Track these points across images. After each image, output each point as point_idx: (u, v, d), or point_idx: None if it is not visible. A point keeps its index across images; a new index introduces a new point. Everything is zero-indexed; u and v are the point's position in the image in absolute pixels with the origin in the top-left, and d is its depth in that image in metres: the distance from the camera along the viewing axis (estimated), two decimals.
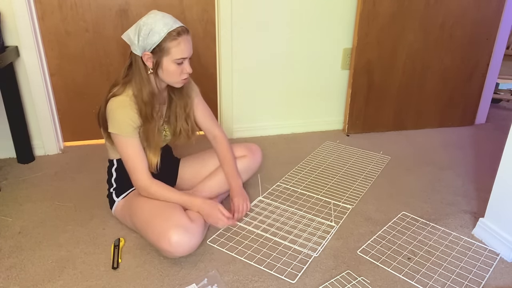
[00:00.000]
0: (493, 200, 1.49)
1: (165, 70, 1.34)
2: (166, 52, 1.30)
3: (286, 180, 1.93)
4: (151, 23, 1.28)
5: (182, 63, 1.34)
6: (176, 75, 1.35)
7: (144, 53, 1.31)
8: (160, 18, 1.29)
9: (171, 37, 1.28)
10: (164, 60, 1.31)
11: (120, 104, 1.34)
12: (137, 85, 1.35)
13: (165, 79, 1.37)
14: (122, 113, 1.34)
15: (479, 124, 2.70)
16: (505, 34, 2.48)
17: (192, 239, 1.30)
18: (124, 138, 1.36)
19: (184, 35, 1.31)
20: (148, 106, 1.35)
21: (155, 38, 1.28)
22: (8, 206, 1.68)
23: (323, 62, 2.40)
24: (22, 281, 1.28)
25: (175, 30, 1.29)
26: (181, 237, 1.27)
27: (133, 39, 1.31)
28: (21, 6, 1.85)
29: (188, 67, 1.35)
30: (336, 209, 1.71)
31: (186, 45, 1.32)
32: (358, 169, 2.04)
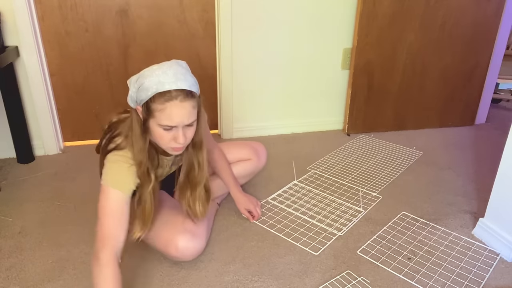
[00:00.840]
0: (493, 200, 1.49)
1: (152, 132, 1.14)
2: (152, 114, 1.09)
3: (324, 168, 1.94)
4: (146, 75, 1.09)
5: (171, 130, 1.12)
6: (165, 141, 1.14)
7: (137, 107, 1.13)
8: (158, 74, 1.08)
9: (159, 100, 1.07)
10: (150, 121, 1.11)
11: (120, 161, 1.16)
12: (129, 140, 1.17)
13: (156, 141, 1.18)
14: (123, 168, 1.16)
15: (479, 124, 2.70)
16: (505, 34, 2.48)
17: (198, 243, 1.31)
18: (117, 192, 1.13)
19: (175, 100, 1.07)
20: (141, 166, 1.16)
21: (143, 96, 1.09)
22: (8, 206, 1.68)
23: (323, 62, 2.40)
24: (22, 281, 1.28)
25: (167, 92, 1.06)
26: (188, 242, 1.28)
27: (130, 88, 1.14)
28: (21, 6, 1.85)
29: (180, 137, 1.12)
30: (366, 197, 1.79)
31: (176, 112, 1.08)
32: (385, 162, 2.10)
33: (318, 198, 1.78)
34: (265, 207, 1.71)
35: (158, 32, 2.15)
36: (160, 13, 2.12)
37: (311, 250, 1.45)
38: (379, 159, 2.17)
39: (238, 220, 1.61)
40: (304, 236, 1.53)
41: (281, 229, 1.56)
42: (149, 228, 1.26)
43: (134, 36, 2.14)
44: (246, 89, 2.34)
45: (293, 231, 1.56)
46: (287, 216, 1.65)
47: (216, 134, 2.47)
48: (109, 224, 1.12)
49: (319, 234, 1.54)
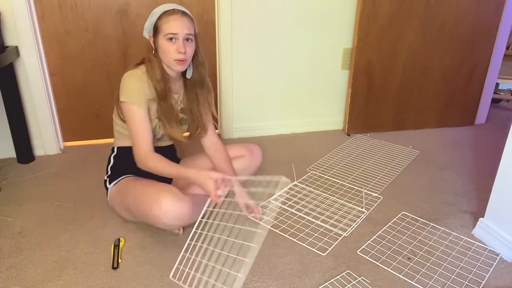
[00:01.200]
0: (493, 200, 1.49)
1: (160, 49, 1.38)
2: (159, 29, 1.36)
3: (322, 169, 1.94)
4: (155, 9, 1.38)
5: (174, 41, 1.35)
6: (170, 54, 1.37)
7: (149, 35, 1.40)
8: (163, 5, 1.37)
9: (163, 16, 1.35)
10: (159, 38, 1.37)
11: (133, 75, 1.40)
12: (147, 64, 1.41)
13: (163, 60, 1.41)
14: (134, 83, 1.39)
15: (479, 124, 2.70)
16: (505, 34, 2.48)
17: (183, 206, 1.33)
18: (133, 106, 1.38)
19: (176, 14, 1.35)
20: (161, 83, 1.40)
21: (153, 18, 1.37)
22: (8, 206, 1.68)
23: (323, 62, 2.40)
24: (22, 281, 1.28)
25: (170, 10, 1.36)
26: (172, 202, 1.31)
27: (145, 25, 1.41)
28: (21, 6, 1.85)
29: (180, 46, 1.36)
30: (368, 198, 1.79)
31: (176, 22, 1.35)
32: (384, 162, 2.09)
33: (319, 199, 1.78)
34: (267, 207, 1.71)
35: None
36: None
37: (319, 251, 1.44)
38: (377, 159, 2.17)
39: (238, 220, 1.61)
40: (310, 236, 1.52)
41: (285, 230, 1.56)
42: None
43: (134, 36, 2.14)
44: (246, 89, 2.34)
45: (298, 231, 1.55)
46: (291, 217, 1.65)
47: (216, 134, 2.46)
48: (138, 136, 1.39)
49: (324, 235, 1.53)
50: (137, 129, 1.39)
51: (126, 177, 1.51)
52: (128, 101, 1.38)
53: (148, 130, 1.40)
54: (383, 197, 1.80)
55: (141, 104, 1.38)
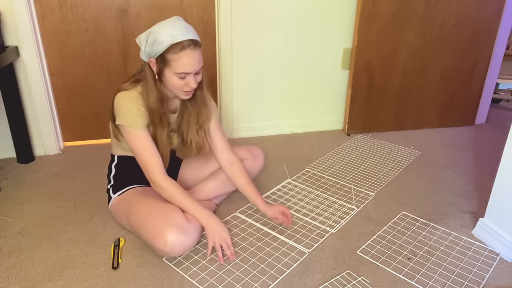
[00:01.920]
0: (493, 200, 1.49)
1: (167, 81, 1.32)
2: (168, 64, 1.27)
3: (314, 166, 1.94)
4: (158, 31, 1.25)
5: (185, 77, 1.30)
6: (178, 87, 1.32)
7: (149, 59, 1.30)
8: (168, 28, 1.25)
9: (173, 50, 1.25)
10: (166, 71, 1.29)
11: (128, 97, 1.34)
12: (144, 91, 1.34)
13: (168, 88, 1.35)
14: (130, 105, 1.33)
15: (479, 124, 2.70)
16: (505, 34, 2.48)
17: (187, 239, 1.29)
18: (133, 130, 1.34)
19: (188, 49, 1.26)
20: (155, 112, 1.34)
21: (158, 48, 1.26)
22: (8, 206, 1.68)
23: (323, 62, 2.40)
24: (22, 281, 1.28)
25: (180, 43, 1.25)
26: (176, 237, 1.26)
27: (141, 44, 1.30)
28: (21, 6, 1.85)
29: (192, 81, 1.31)
30: (359, 195, 1.81)
31: (190, 60, 1.27)
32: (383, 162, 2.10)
33: (311, 196, 1.79)
34: None
35: None
36: (160, 13, 2.12)
37: (305, 247, 1.44)
38: (377, 158, 2.17)
39: (238, 220, 1.61)
40: (298, 233, 1.53)
41: (274, 227, 1.56)
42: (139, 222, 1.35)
43: (134, 36, 2.13)
44: (246, 89, 2.34)
45: (286, 228, 1.56)
46: None
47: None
48: (146, 157, 1.35)
49: (312, 232, 1.54)
50: (144, 154, 1.35)
51: (130, 188, 1.48)
52: (127, 125, 1.33)
53: (156, 152, 1.36)
54: (382, 197, 1.80)
55: (142, 126, 1.34)
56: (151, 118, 1.35)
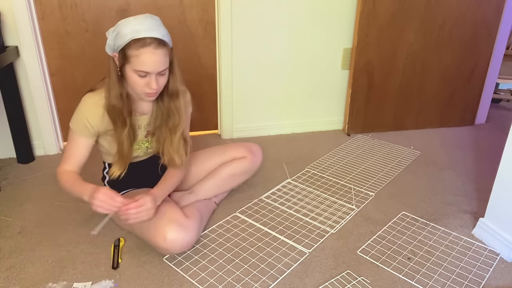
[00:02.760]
0: (493, 200, 1.49)
1: (127, 78, 1.25)
2: (127, 59, 1.20)
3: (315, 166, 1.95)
4: (123, 25, 1.20)
5: (145, 76, 1.22)
6: (139, 87, 1.24)
7: (113, 54, 1.24)
8: (134, 24, 1.18)
9: (133, 46, 1.18)
10: (126, 66, 1.22)
11: (89, 101, 1.29)
12: (106, 85, 1.27)
13: (130, 87, 1.28)
14: (85, 110, 1.29)
15: (479, 124, 2.70)
16: (505, 34, 2.48)
17: (187, 236, 1.29)
18: (75, 134, 1.31)
19: (149, 47, 1.18)
20: (115, 110, 1.27)
21: (119, 42, 1.20)
22: (8, 206, 1.68)
23: (323, 62, 2.40)
24: (22, 281, 1.28)
25: (142, 39, 1.17)
26: (176, 233, 1.27)
27: (107, 37, 1.25)
28: (21, 6, 1.85)
29: (153, 82, 1.22)
30: (359, 195, 1.81)
31: (150, 58, 1.18)
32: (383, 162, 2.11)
33: (311, 196, 1.79)
34: (259, 205, 1.71)
35: None
36: (160, 13, 2.11)
37: (305, 248, 1.45)
38: (377, 158, 2.17)
39: (238, 220, 1.62)
40: (298, 233, 1.53)
41: (274, 227, 1.56)
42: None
43: None
44: (246, 89, 2.34)
45: (286, 228, 1.56)
46: (281, 214, 1.65)
47: (216, 134, 2.47)
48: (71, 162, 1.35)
49: (312, 232, 1.54)
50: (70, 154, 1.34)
51: (126, 192, 1.47)
52: (74, 129, 1.31)
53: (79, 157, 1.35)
54: (382, 197, 1.80)
55: (85, 134, 1.31)
56: (111, 115, 1.28)
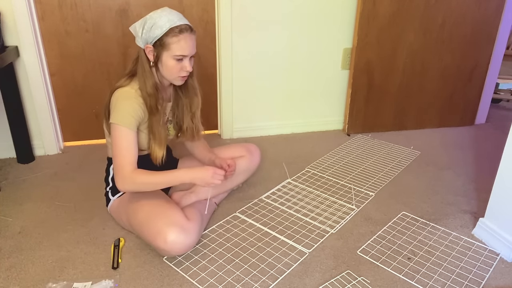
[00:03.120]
0: (493, 200, 1.49)
1: (164, 65, 1.34)
2: (166, 47, 1.30)
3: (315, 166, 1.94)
4: (156, 17, 1.30)
5: (181, 60, 1.33)
6: (175, 71, 1.35)
7: (146, 46, 1.33)
8: (166, 14, 1.30)
9: (172, 33, 1.29)
10: (164, 54, 1.32)
11: (125, 95, 1.34)
12: (140, 77, 1.35)
13: (164, 74, 1.37)
14: (125, 104, 1.33)
15: (479, 124, 2.70)
16: (505, 34, 2.48)
17: (188, 238, 1.30)
18: (122, 128, 1.32)
19: (186, 33, 1.31)
20: (152, 98, 1.35)
21: (157, 32, 1.29)
22: (8, 206, 1.68)
23: (323, 62, 2.40)
24: (22, 281, 1.28)
25: (178, 26, 1.29)
26: (177, 235, 1.27)
27: (137, 31, 1.34)
28: (21, 6, 1.85)
29: (188, 65, 1.35)
30: (359, 195, 1.81)
31: (187, 43, 1.32)
32: (383, 162, 2.10)
33: (311, 196, 1.80)
34: (259, 205, 1.71)
35: None
36: None
37: (305, 248, 1.45)
38: (377, 158, 2.17)
39: (238, 220, 1.62)
40: (298, 233, 1.53)
41: (274, 227, 1.56)
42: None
43: (134, 36, 2.13)
44: (246, 89, 2.34)
45: (286, 228, 1.56)
46: (281, 214, 1.65)
47: (216, 134, 2.47)
48: (124, 156, 1.32)
49: (312, 232, 1.54)
50: (122, 150, 1.32)
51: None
52: (119, 123, 1.32)
53: (134, 151, 1.34)
54: (382, 197, 1.80)
55: (131, 126, 1.33)
56: (147, 104, 1.35)
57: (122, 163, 1.32)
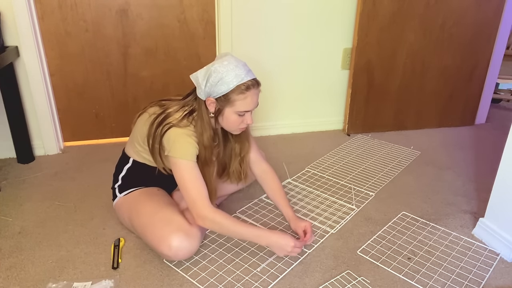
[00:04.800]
0: (493, 200, 1.49)
1: (225, 119, 1.32)
2: (231, 103, 1.28)
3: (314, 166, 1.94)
4: (222, 72, 1.25)
5: (243, 115, 1.32)
6: (236, 125, 1.34)
7: (208, 98, 1.30)
8: (232, 68, 1.26)
9: (239, 90, 1.26)
10: (226, 109, 1.30)
11: (185, 134, 1.30)
12: (198, 129, 1.32)
13: (223, 126, 1.36)
14: (185, 139, 1.29)
15: (479, 124, 2.70)
16: (505, 34, 2.48)
17: (192, 244, 1.30)
18: (187, 162, 1.29)
19: (253, 89, 1.29)
20: (208, 150, 1.34)
21: (223, 88, 1.26)
22: (8, 206, 1.68)
23: (323, 62, 2.40)
24: (22, 281, 1.28)
25: (245, 83, 1.27)
26: (181, 241, 1.27)
27: (200, 83, 1.29)
28: (21, 6, 1.85)
29: (249, 119, 1.34)
30: (359, 195, 1.81)
31: (253, 99, 1.30)
32: (383, 162, 2.11)
33: (311, 196, 1.80)
34: (259, 205, 1.71)
35: (158, 32, 2.15)
36: (160, 13, 2.12)
37: (305, 247, 1.45)
38: (377, 158, 2.17)
39: None
40: None
41: (274, 227, 1.56)
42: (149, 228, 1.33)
43: (134, 36, 2.14)
44: None
45: (286, 228, 1.55)
46: (281, 214, 1.64)
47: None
48: (194, 189, 1.29)
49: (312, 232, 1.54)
50: (194, 186, 1.29)
51: (136, 189, 1.47)
52: (184, 158, 1.28)
53: (203, 183, 1.31)
54: (382, 196, 1.80)
55: (194, 158, 1.31)
56: (202, 155, 1.33)
57: (197, 204, 1.28)
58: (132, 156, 1.48)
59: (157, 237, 1.29)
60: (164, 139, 1.30)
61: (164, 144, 1.31)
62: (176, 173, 1.31)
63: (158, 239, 1.28)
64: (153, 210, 1.36)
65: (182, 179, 1.30)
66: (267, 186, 1.56)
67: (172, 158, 1.29)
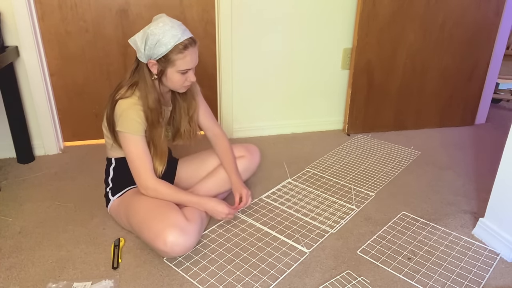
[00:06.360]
0: (493, 200, 1.49)
1: (169, 79, 1.37)
2: (172, 63, 1.32)
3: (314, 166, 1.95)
4: (159, 33, 1.29)
5: (186, 73, 1.36)
6: (180, 83, 1.38)
7: (149, 61, 1.34)
8: (168, 29, 1.29)
9: (177, 50, 1.30)
10: (168, 70, 1.34)
11: (130, 105, 1.35)
12: (142, 91, 1.36)
13: (168, 86, 1.40)
14: (132, 113, 1.35)
15: (479, 124, 2.70)
16: (505, 34, 2.48)
17: (188, 240, 1.30)
18: (132, 136, 1.36)
19: (191, 47, 1.32)
20: (154, 113, 1.37)
21: (162, 50, 1.30)
22: (8, 206, 1.68)
23: (323, 62, 2.40)
24: (22, 281, 1.28)
25: (182, 43, 1.30)
26: (176, 237, 1.27)
27: (139, 47, 1.33)
28: (21, 6, 1.85)
29: (192, 76, 1.38)
30: (359, 195, 1.81)
31: (192, 57, 1.34)
32: (383, 162, 2.11)
33: (311, 196, 1.80)
34: (258, 205, 1.71)
35: None
36: (160, 13, 2.11)
37: (305, 247, 1.45)
38: (377, 158, 2.17)
39: (238, 220, 1.62)
40: (297, 233, 1.53)
41: (274, 227, 1.56)
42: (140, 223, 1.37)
43: None
44: (246, 89, 2.34)
45: (286, 228, 1.56)
46: (281, 214, 1.65)
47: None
48: (140, 163, 1.37)
49: (312, 232, 1.54)
50: (138, 159, 1.37)
51: (129, 189, 1.49)
52: (128, 131, 1.35)
53: (149, 158, 1.39)
54: (382, 197, 1.80)
55: (141, 132, 1.37)
56: (149, 118, 1.37)
57: (141, 174, 1.38)
58: (112, 156, 1.51)
59: (153, 233, 1.29)
60: (114, 115, 1.36)
61: (115, 119, 1.37)
62: (124, 147, 1.38)
63: (154, 234, 1.28)
64: (149, 207, 1.36)
65: (129, 152, 1.37)
66: (217, 150, 1.63)
67: (120, 132, 1.36)
